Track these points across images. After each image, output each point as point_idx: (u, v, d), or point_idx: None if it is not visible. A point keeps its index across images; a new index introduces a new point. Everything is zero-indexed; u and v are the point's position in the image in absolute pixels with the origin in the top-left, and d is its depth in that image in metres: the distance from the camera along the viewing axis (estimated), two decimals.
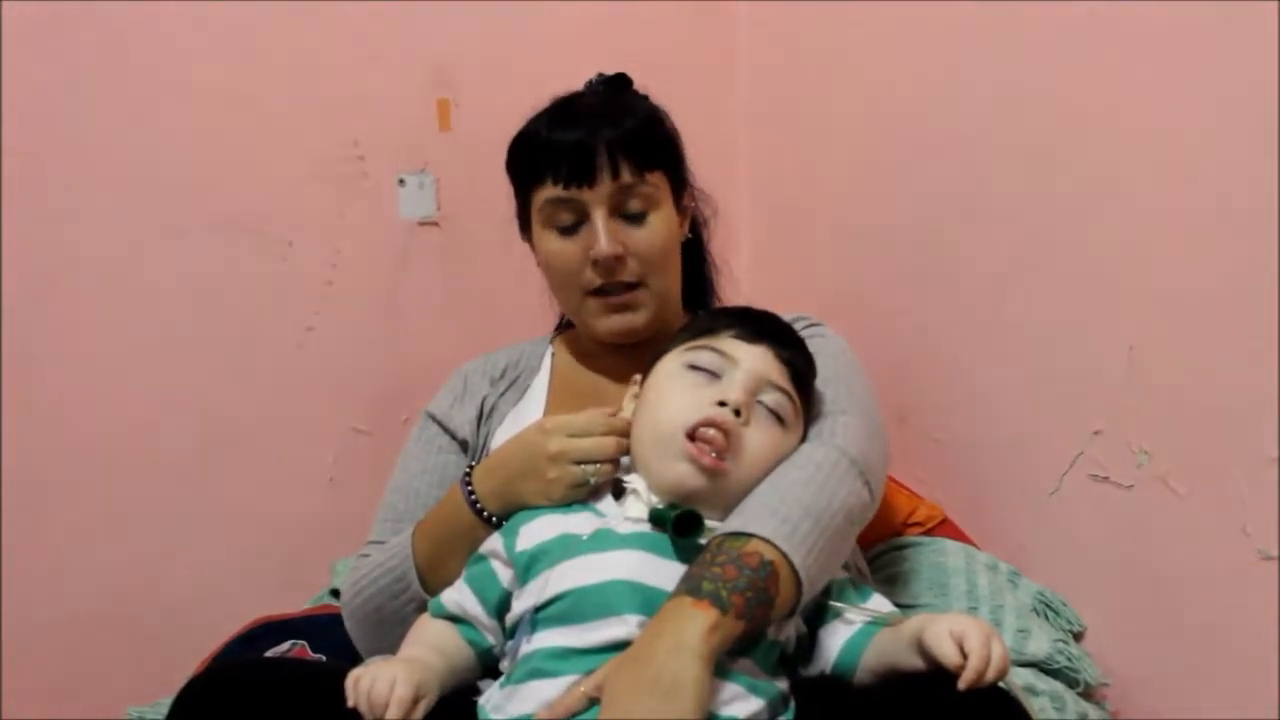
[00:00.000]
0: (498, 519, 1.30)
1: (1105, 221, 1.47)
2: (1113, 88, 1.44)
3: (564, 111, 1.47)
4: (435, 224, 2.07)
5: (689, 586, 1.10)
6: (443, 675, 1.20)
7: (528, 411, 1.50)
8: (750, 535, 1.14)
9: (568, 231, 1.44)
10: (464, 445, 1.51)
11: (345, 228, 2.01)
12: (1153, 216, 1.41)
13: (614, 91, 1.50)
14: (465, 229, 2.08)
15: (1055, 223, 1.55)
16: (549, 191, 1.43)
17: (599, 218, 1.42)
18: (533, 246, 1.53)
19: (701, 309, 1.58)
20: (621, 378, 1.42)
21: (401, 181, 2.04)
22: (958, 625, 1.06)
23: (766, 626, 1.14)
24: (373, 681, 1.10)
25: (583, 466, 1.25)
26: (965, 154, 1.71)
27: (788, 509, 1.17)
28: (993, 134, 1.65)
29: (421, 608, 1.32)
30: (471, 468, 1.35)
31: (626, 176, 1.42)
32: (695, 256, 1.62)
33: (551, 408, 1.51)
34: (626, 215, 1.44)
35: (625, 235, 1.43)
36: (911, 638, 1.10)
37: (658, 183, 1.46)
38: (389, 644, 1.33)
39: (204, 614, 1.83)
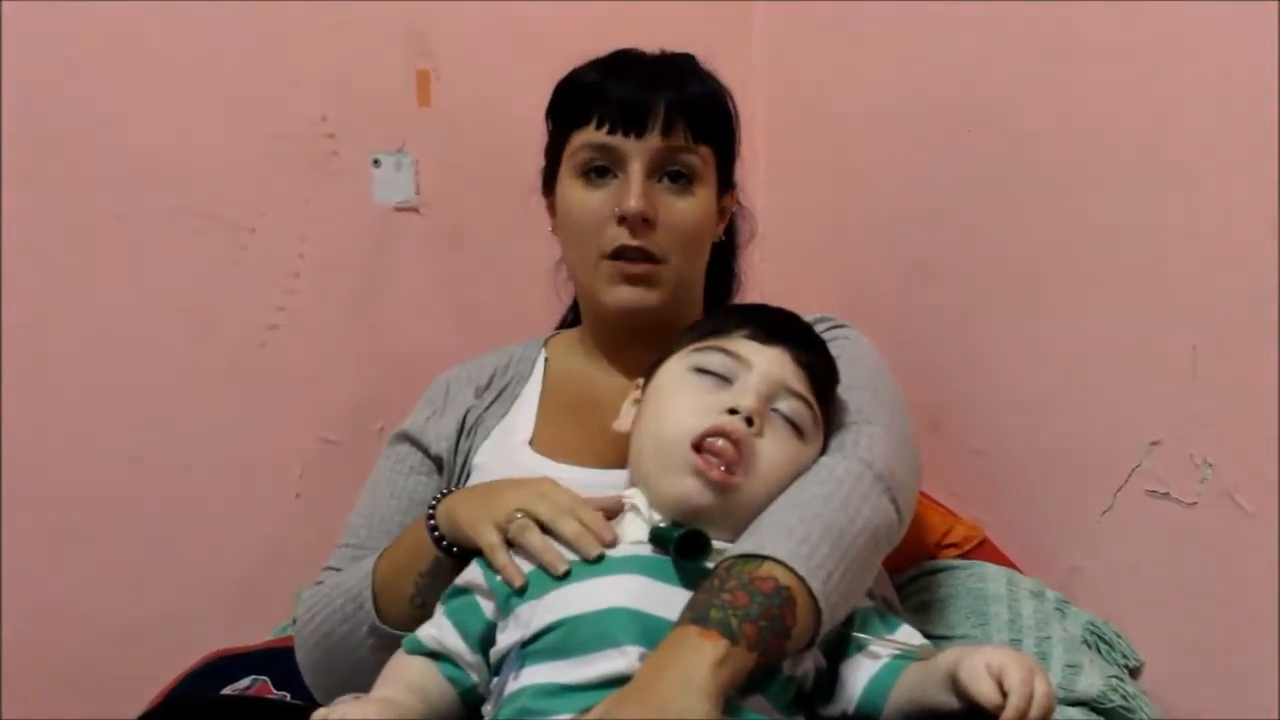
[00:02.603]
0: (456, 549, 1.31)
1: (1163, 206, 1.47)
2: (1172, 59, 1.45)
3: (627, 59, 1.49)
4: (414, 209, 2.07)
5: (695, 614, 1.10)
6: (420, 716, 1.19)
7: (515, 428, 1.51)
8: (764, 558, 1.14)
9: (597, 181, 1.45)
10: (438, 463, 1.52)
11: (313, 214, 2.02)
12: (1218, 201, 1.40)
13: (681, 58, 1.52)
14: (448, 215, 2.08)
15: (1105, 208, 1.55)
16: (589, 135, 1.44)
17: (635, 172, 1.42)
18: (550, 206, 1.54)
19: None
20: (622, 387, 1.43)
21: (376, 162, 2.05)
22: (996, 659, 1.06)
23: (782, 660, 1.14)
24: (342, 718, 1.11)
25: (544, 539, 1.23)
26: (1004, 135, 1.71)
27: (806, 528, 1.17)
28: (1034, 113, 1.65)
29: (377, 639, 1.33)
30: (445, 493, 1.36)
31: (677, 138, 1.43)
32: (723, 267, 1.63)
33: (542, 423, 1.51)
34: (666, 181, 1.45)
35: (660, 201, 1.44)
36: (944, 673, 1.10)
37: (707, 158, 1.47)
38: (338, 679, 1.35)
39: (153, 647, 1.84)
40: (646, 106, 1.42)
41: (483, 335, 1.71)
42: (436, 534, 1.32)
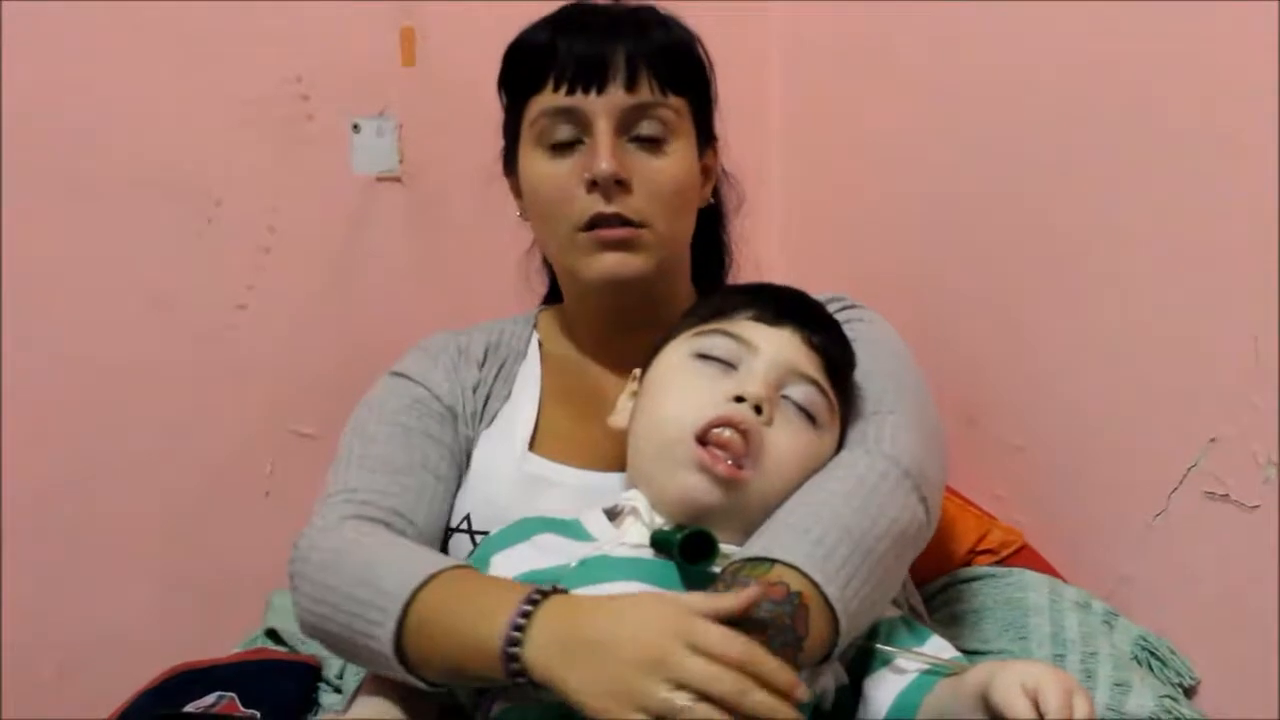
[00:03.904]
0: (525, 678, 1.11)
1: (1222, 182, 1.46)
2: (1231, 27, 1.43)
3: (578, 11, 1.47)
4: (397, 179, 2.08)
5: None
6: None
7: (517, 419, 1.49)
8: (775, 561, 1.14)
9: (562, 150, 1.43)
10: (452, 414, 1.48)
11: (286, 184, 2.02)
12: None
13: (640, 8, 1.51)
14: (433, 184, 2.08)
15: (1158, 185, 1.54)
16: (547, 100, 1.43)
17: (602, 131, 1.40)
18: (514, 188, 1.53)
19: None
20: (622, 370, 1.43)
21: (355, 127, 2.05)
22: (1031, 676, 1.06)
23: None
24: None
25: (674, 693, 1.03)
26: (1048, 103, 1.70)
27: (823, 529, 1.17)
28: (1078, 79, 1.64)
29: (387, 666, 1.28)
30: (545, 593, 1.13)
31: (644, 92, 1.42)
32: (711, 238, 1.62)
33: (546, 404, 1.50)
34: (638, 140, 1.43)
35: (635, 161, 1.42)
36: (976, 691, 1.10)
37: (680, 110, 1.46)
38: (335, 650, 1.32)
39: (106, 663, 1.85)
40: (605, 59, 1.40)
41: (472, 317, 1.69)
42: (518, 674, 1.11)
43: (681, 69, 1.46)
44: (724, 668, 1.02)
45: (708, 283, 1.61)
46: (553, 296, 1.66)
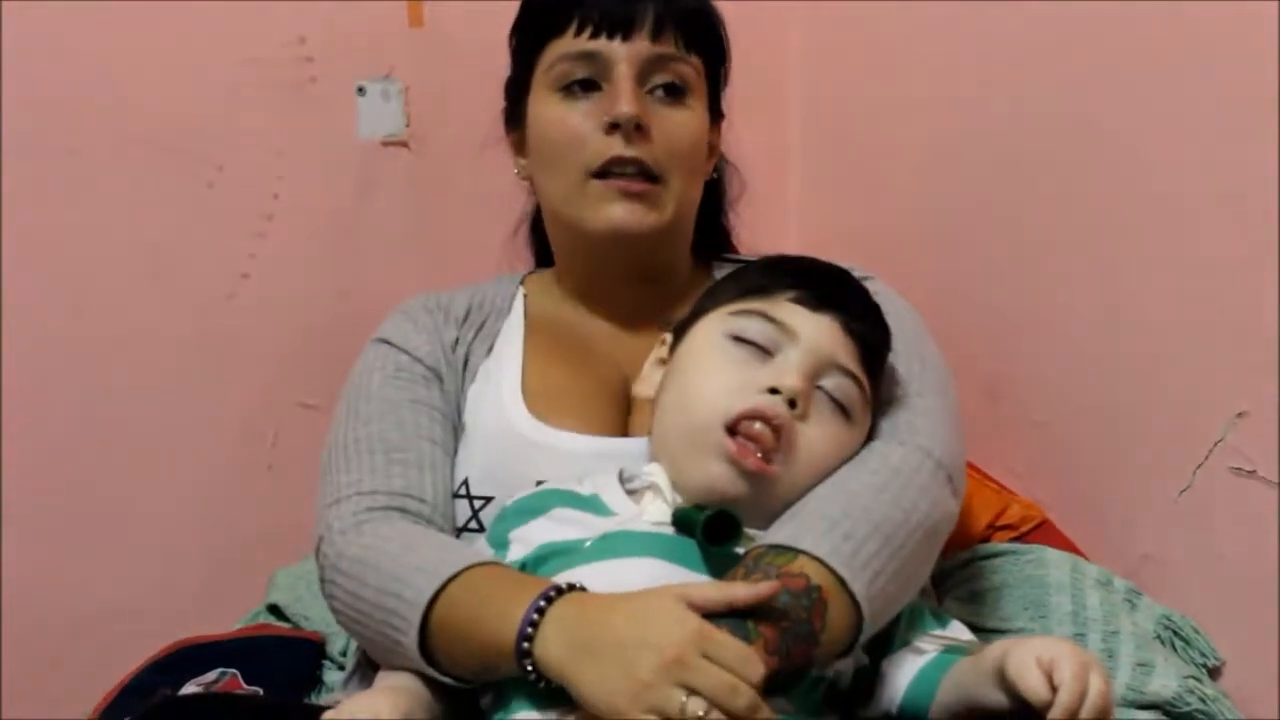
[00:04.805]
0: (538, 676, 1.13)
1: (1259, 149, 1.45)
2: None
3: None
4: (403, 144, 2.08)
5: None
6: (429, 704, 1.20)
7: (502, 371, 1.49)
8: (798, 551, 1.15)
9: (577, 95, 1.44)
10: (437, 375, 1.49)
11: (288, 149, 2.01)
12: None
13: None
14: (440, 149, 2.08)
15: (1188, 148, 1.53)
16: (568, 44, 1.44)
17: (624, 75, 1.42)
18: (516, 143, 1.54)
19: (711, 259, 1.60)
20: (614, 322, 1.45)
21: (361, 90, 2.04)
22: (1047, 651, 1.06)
23: (810, 667, 1.14)
24: (352, 718, 1.11)
25: (688, 699, 1.04)
26: (1075, 72, 1.70)
27: (852, 523, 1.18)
28: (1109, 37, 1.64)
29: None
30: (560, 590, 1.15)
31: (668, 45, 1.44)
32: (712, 220, 1.63)
33: (530, 359, 1.50)
34: (657, 92, 1.44)
35: (652, 110, 1.43)
36: (993, 667, 1.10)
37: (699, 70, 1.48)
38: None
39: (108, 635, 1.85)
40: (633, 8, 1.42)
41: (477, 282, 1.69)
42: (532, 672, 1.13)
43: (707, 34, 1.49)
44: (740, 681, 1.03)
45: (708, 258, 1.61)
46: (540, 259, 1.67)
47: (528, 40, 1.50)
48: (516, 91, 1.53)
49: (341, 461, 1.41)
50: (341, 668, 1.66)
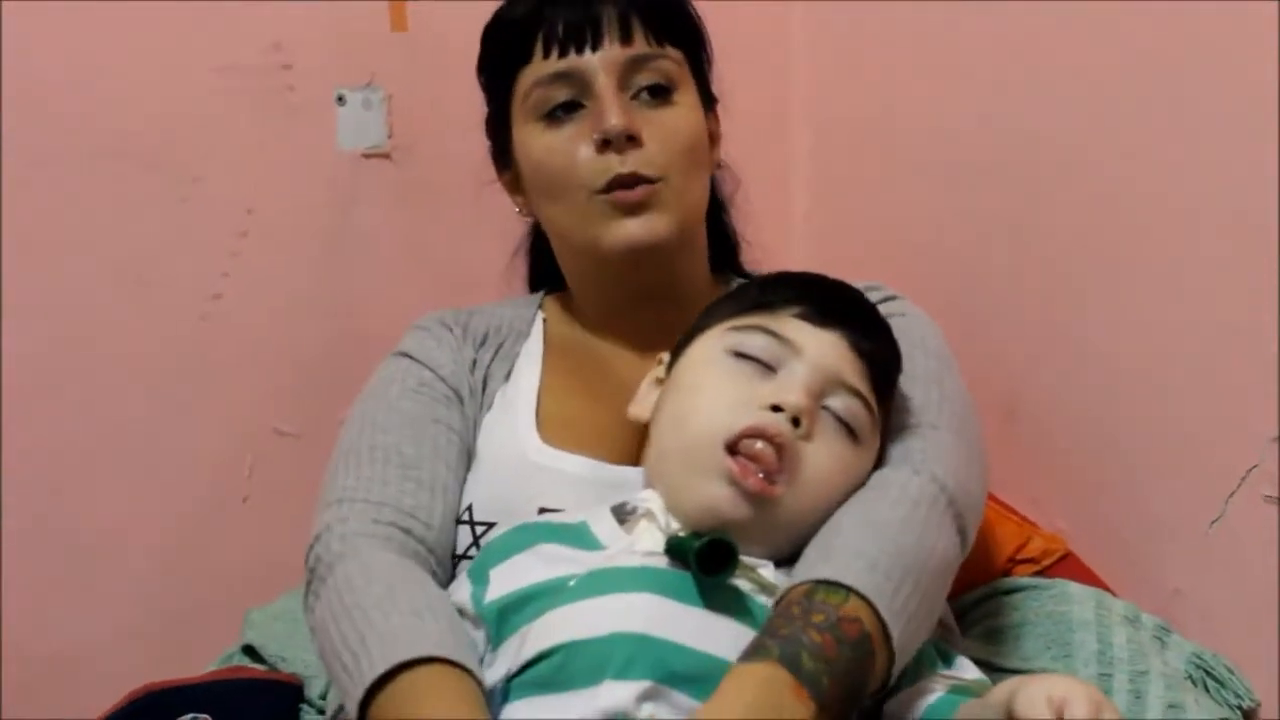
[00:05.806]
0: None
1: None
2: None
3: None
4: (385, 155, 2.08)
5: (786, 654, 1.09)
6: None
7: (519, 398, 1.50)
8: (848, 590, 1.14)
9: (561, 118, 1.44)
10: (459, 396, 1.50)
11: (265, 161, 2.02)
12: None
13: None
14: (425, 161, 2.09)
15: (1222, 162, 1.52)
16: (538, 68, 1.44)
17: (605, 87, 1.42)
18: (510, 184, 1.55)
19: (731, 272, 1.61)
20: (635, 348, 1.46)
21: (341, 99, 2.05)
22: (1058, 689, 1.05)
23: None
24: None
25: None
26: (1095, 59, 1.69)
27: (888, 562, 1.18)
28: (1136, 34, 1.63)
29: None
30: None
31: (640, 44, 1.44)
32: (716, 223, 1.63)
33: (548, 385, 1.51)
34: (642, 94, 1.45)
35: (641, 116, 1.44)
36: (1001, 706, 1.09)
37: (679, 61, 1.48)
38: None
39: (71, 679, 1.86)
40: (595, 17, 1.43)
41: (467, 304, 1.70)
42: None
43: (674, 21, 1.49)
44: None
45: (723, 269, 1.63)
46: (535, 284, 1.68)
47: (497, 73, 1.51)
48: (498, 129, 1.54)
49: (354, 465, 1.41)
50: (321, 711, 1.64)
